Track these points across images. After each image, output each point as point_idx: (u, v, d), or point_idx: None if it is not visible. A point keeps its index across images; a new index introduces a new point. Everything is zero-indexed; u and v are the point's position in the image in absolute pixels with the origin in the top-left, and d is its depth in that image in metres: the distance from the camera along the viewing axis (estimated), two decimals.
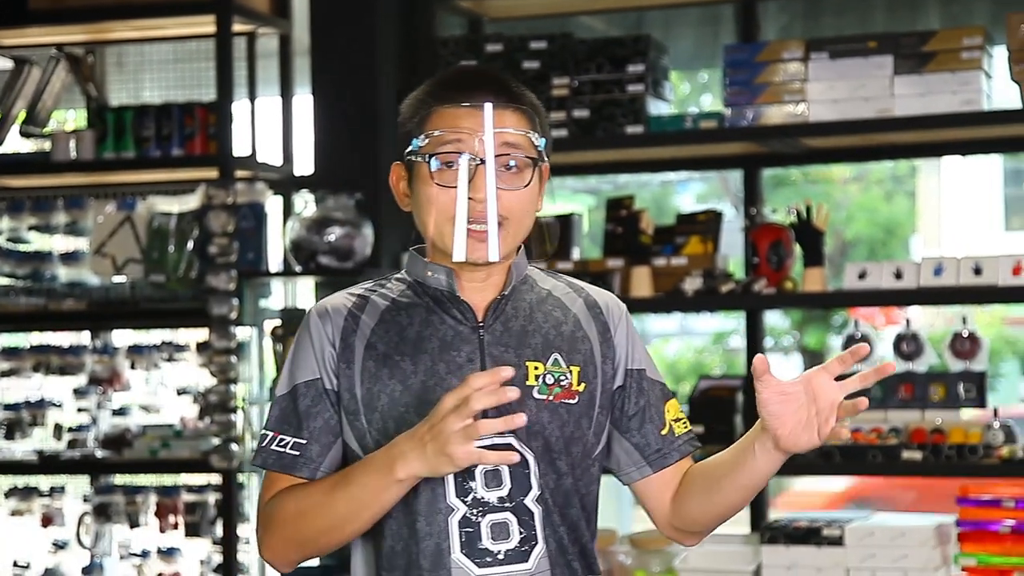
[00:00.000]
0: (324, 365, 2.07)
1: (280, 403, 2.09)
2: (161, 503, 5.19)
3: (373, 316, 2.09)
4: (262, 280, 5.05)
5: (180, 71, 5.56)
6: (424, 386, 2.04)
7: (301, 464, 2.07)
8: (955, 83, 4.31)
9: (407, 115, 2.12)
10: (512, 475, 2.04)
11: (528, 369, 2.08)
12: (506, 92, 2.08)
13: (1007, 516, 4.12)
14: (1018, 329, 16.41)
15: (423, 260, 2.13)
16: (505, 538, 2.03)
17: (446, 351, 2.06)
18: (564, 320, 2.14)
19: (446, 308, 2.09)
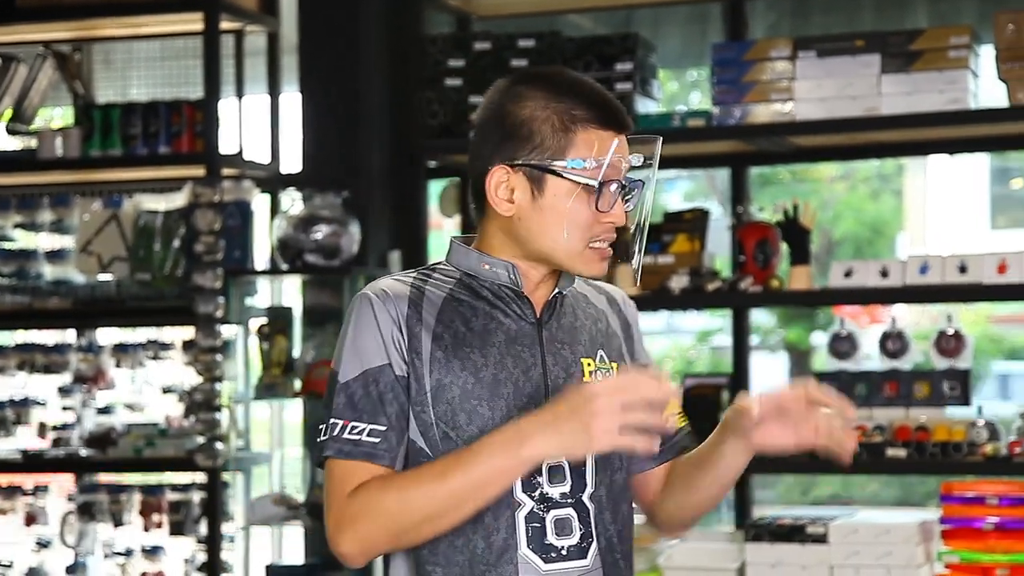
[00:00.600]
0: (395, 351, 2.02)
1: (348, 389, 2.01)
2: (145, 501, 5.18)
3: (432, 306, 2.05)
4: (248, 278, 5.04)
5: (167, 69, 5.55)
6: (495, 379, 2.03)
7: (383, 452, 1.99)
8: (942, 82, 4.32)
9: (532, 124, 2.05)
10: (572, 471, 2.05)
11: (583, 366, 2.10)
12: (627, 115, 2.12)
13: (990, 513, 4.13)
14: (1003, 327, 16.45)
15: (477, 252, 2.10)
16: (568, 534, 2.04)
17: (511, 345, 2.05)
18: (598, 317, 2.18)
19: (507, 302, 2.08)
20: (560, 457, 1.98)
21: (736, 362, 4.95)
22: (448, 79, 4.77)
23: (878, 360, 4.62)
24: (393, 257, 5.02)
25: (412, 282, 2.08)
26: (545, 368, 2.06)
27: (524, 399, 2.03)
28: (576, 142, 2.04)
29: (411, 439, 2.02)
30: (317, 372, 4.86)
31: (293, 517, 4.93)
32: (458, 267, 2.11)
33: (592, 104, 2.06)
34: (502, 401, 2.01)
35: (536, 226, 2.05)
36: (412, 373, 2.02)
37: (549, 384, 2.06)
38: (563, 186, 2.04)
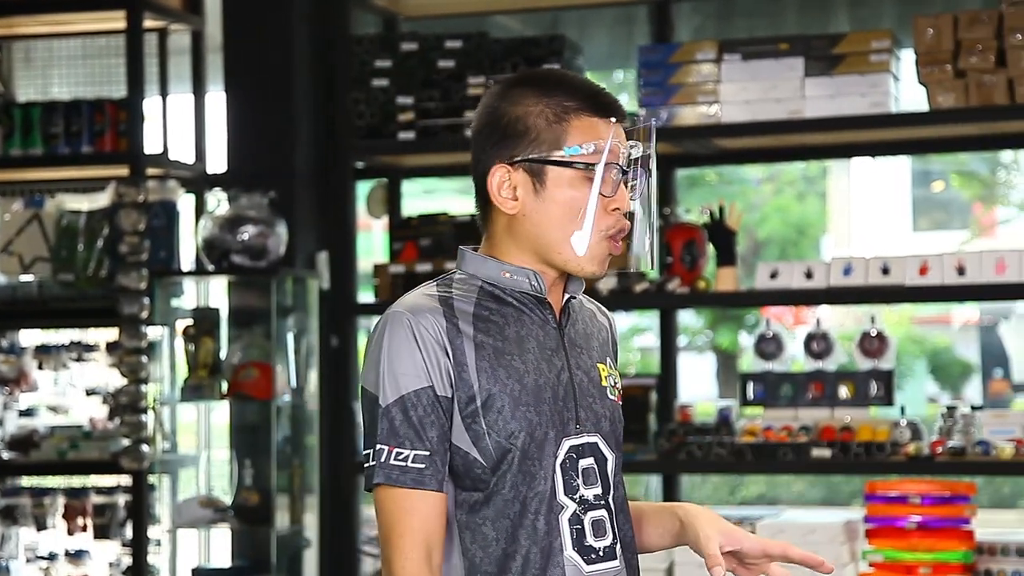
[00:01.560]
0: (436, 371, 2.01)
1: (388, 414, 2.00)
2: (69, 505, 5.12)
3: (465, 316, 2.04)
4: (174, 279, 4.99)
5: (90, 67, 5.48)
6: (537, 384, 2.04)
7: (429, 477, 2.00)
8: (864, 85, 4.37)
9: (527, 120, 2.05)
10: (600, 474, 2.08)
11: (599, 370, 2.13)
12: (620, 104, 2.12)
13: (913, 512, 4.19)
14: (925, 328, 16.69)
15: (495, 260, 2.09)
16: (603, 535, 2.07)
17: (543, 350, 2.07)
18: (601, 327, 2.21)
19: (531, 309, 2.08)
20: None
21: (664, 363, 4.98)
22: (375, 79, 4.75)
23: (803, 361, 4.66)
24: (321, 258, 5.00)
25: (439, 295, 2.07)
26: (571, 371, 2.08)
27: (560, 403, 2.05)
28: (571, 131, 2.05)
29: (464, 451, 2.02)
30: (244, 373, 4.83)
31: (220, 519, 4.90)
32: (475, 276, 2.10)
33: (583, 94, 2.07)
34: (545, 406, 2.03)
35: (544, 219, 2.06)
36: (461, 386, 2.02)
37: (576, 387, 2.08)
38: (564, 175, 2.05)
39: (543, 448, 2.02)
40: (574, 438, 2.05)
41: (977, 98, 4.27)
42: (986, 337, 17.61)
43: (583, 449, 2.06)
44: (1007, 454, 4.23)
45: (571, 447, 2.05)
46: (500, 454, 2.01)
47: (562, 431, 2.04)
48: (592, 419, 2.08)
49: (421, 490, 2.00)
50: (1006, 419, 4.37)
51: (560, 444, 2.04)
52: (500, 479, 2.01)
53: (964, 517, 4.19)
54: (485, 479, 2.02)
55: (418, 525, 1.99)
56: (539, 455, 2.02)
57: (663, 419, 4.76)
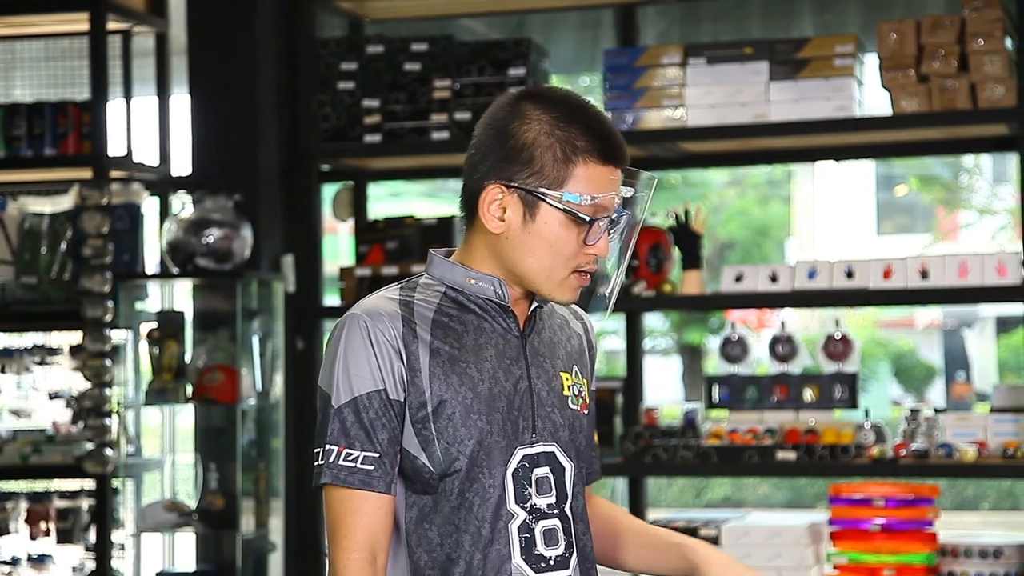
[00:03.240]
0: (389, 374, 2.03)
1: (340, 415, 2.03)
2: (32, 509, 5.09)
3: (424, 321, 2.06)
4: (138, 282, 4.97)
5: (53, 69, 5.45)
6: (491, 393, 2.05)
7: (378, 479, 2.02)
8: (828, 89, 4.39)
9: (535, 149, 2.05)
10: (556, 483, 2.09)
11: (562, 379, 2.13)
12: (626, 150, 2.13)
13: (877, 515, 4.21)
14: (889, 331, 16.78)
15: (461, 266, 2.11)
16: (555, 544, 2.07)
17: (501, 359, 2.08)
18: (571, 334, 2.21)
19: (493, 316, 2.09)
20: None
21: (630, 366, 4.99)
22: (341, 82, 4.75)
23: (768, 364, 4.68)
24: (286, 261, 4.99)
25: (400, 298, 2.08)
26: (530, 380, 2.09)
27: (515, 412, 2.06)
28: (575, 174, 2.06)
29: (413, 456, 2.04)
30: (209, 377, 4.81)
31: (185, 523, 4.88)
32: (441, 280, 2.11)
33: (595, 137, 2.07)
34: (498, 414, 2.04)
35: (522, 248, 2.07)
36: (413, 392, 2.03)
37: (535, 396, 2.08)
38: (555, 216, 2.06)
39: (492, 456, 2.03)
40: (529, 447, 2.06)
41: (940, 102, 4.30)
42: (949, 341, 17.73)
43: (538, 458, 2.06)
44: (970, 457, 4.26)
45: (525, 456, 2.05)
46: (448, 461, 2.02)
47: (515, 440, 2.05)
48: (550, 428, 2.08)
49: (368, 491, 2.02)
50: (969, 422, 4.40)
51: (513, 453, 2.05)
52: (448, 485, 2.03)
53: (927, 519, 4.22)
54: (433, 484, 2.03)
55: (363, 526, 2.02)
56: (488, 463, 2.03)
57: (629, 422, 4.77)
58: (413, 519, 2.05)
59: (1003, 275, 4.27)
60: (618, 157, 2.09)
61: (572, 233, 2.06)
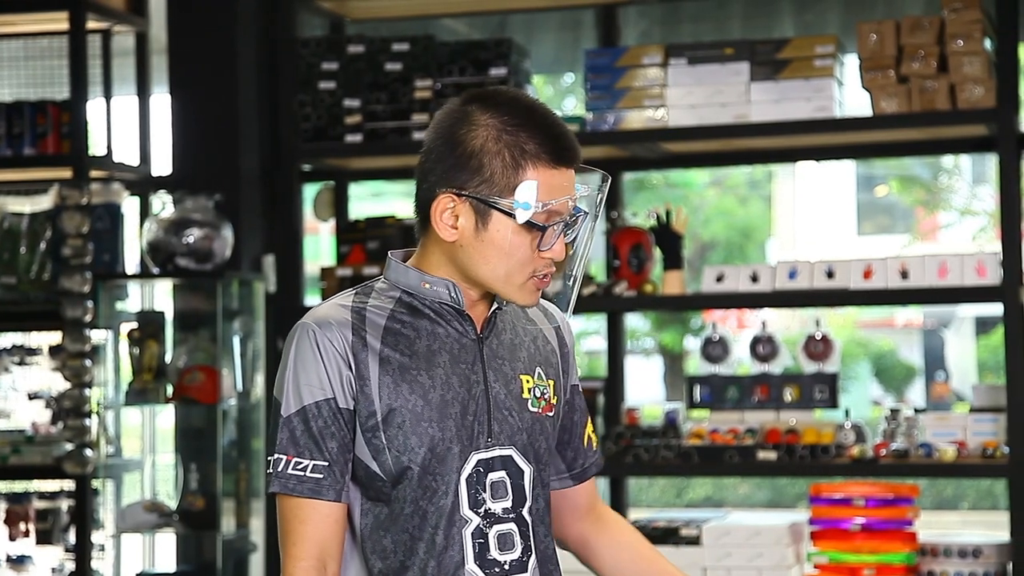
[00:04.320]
0: (339, 383, 2.03)
1: (289, 424, 2.03)
2: (11, 510, 5.07)
3: (376, 329, 2.05)
4: (118, 282, 4.95)
5: (32, 68, 5.42)
6: (443, 400, 2.04)
7: (327, 487, 2.02)
8: (809, 90, 4.41)
9: (484, 156, 2.03)
10: (512, 487, 2.07)
11: (522, 382, 2.12)
12: (579, 151, 2.10)
13: (857, 514, 4.22)
14: (870, 332, 16.83)
15: (416, 271, 2.09)
16: (510, 549, 2.06)
17: (455, 364, 2.06)
18: (536, 335, 2.19)
19: (448, 320, 2.08)
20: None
21: (611, 366, 4.99)
22: (322, 82, 4.74)
23: (749, 364, 4.69)
24: (267, 261, 4.98)
25: (352, 305, 2.07)
26: (487, 384, 2.07)
27: (470, 417, 2.05)
28: (526, 180, 2.03)
29: (365, 464, 2.03)
30: (189, 377, 4.80)
31: (165, 524, 4.86)
32: (396, 284, 2.10)
33: (545, 139, 2.04)
34: (450, 421, 2.03)
35: (477, 255, 2.05)
36: (362, 400, 2.02)
37: (491, 400, 2.07)
38: (507, 223, 2.04)
39: (445, 463, 2.03)
40: (484, 452, 2.04)
41: (919, 103, 4.32)
42: (929, 341, 17.79)
43: (493, 463, 2.05)
44: (949, 456, 4.27)
45: (480, 461, 2.04)
46: (400, 469, 2.02)
47: (470, 445, 2.04)
48: (507, 432, 2.07)
49: (317, 500, 2.02)
50: (948, 422, 4.41)
51: (467, 458, 2.04)
52: (401, 493, 2.02)
53: (907, 519, 4.23)
54: (386, 492, 2.03)
55: (311, 534, 2.02)
56: (441, 470, 2.02)
57: (610, 422, 4.77)
58: (368, 526, 2.04)
59: (982, 275, 4.29)
60: (569, 158, 2.06)
61: (526, 239, 2.04)
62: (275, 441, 2.04)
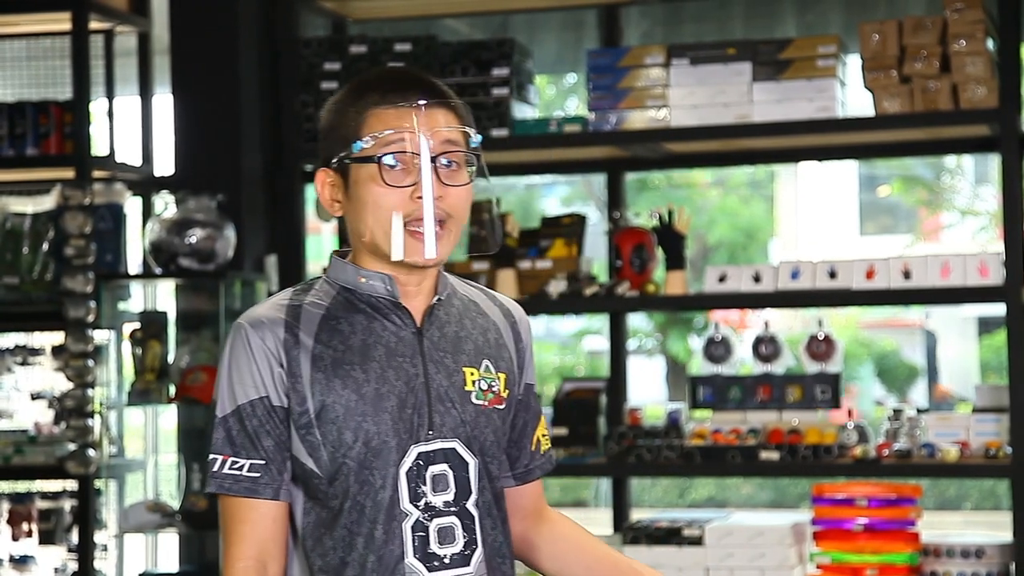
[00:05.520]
0: (271, 381, 2.03)
1: (225, 424, 2.03)
2: (14, 510, 5.07)
3: (310, 326, 2.05)
4: (120, 282, 4.96)
5: (34, 68, 5.43)
6: (377, 393, 2.02)
7: (264, 486, 2.02)
8: (811, 90, 4.40)
9: (337, 120, 2.06)
10: (456, 479, 2.06)
11: (465, 375, 2.10)
12: (438, 90, 2.08)
13: (860, 514, 4.22)
14: (872, 332, 16.83)
15: (353, 266, 2.09)
16: (451, 542, 2.05)
17: (392, 357, 2.05)
18: (488, 327, 2.17)
19: (385, 314, 2.07)
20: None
21: (613, 366, 4.99)
22: (324, 82, 4.74)
23: (751, 364, 4.69)
24: (269, 261, 4.98)
25: (288, 304, 2.07)
26: (427, 377, 2.06)
27: (408, 410, 2.04)
28: (364, 126, 2.05)
29: (301, 462, 2.03)
30: (192, 378, 4.80)
31: (168, 524, 4.86)
32: (336, 281, 2.10)
33: (382, 85, 2.05)
34: (386, 415, 2.02)
35: (356, 219, 2.06)
36: (294, 398, 2.02)
37: (432, 393, 2.06)
38: (363, 172, 2.04)
39: (382, 457, 2.02)
40: (424, 444, 2.03)
41: (922, 103, 4.31)
42: (931, 342, 17.78)
43: (435, 455, 2.04)
44: (952, 457, 4.27)
45: (420, 454, 2.03)
46: (335, 465, 2.01)
47: (409, 438, 2.03)
48: (449, 424, 2.06)
49: (255, 499, 2.02)
50: (951, 422, 4.41)
51: (407, 452, 2.03)
52: (338, 488, 2.02)
53: (910, 519, 4.23)
54: (323, 489, 2.02)
55: (249, 533, 2.03)
56: (378, 464, 2.01)
57: (613, 422, 4.77)
58: (311, 524, 2.04)
59: (985, 275, 4.29)
60: (406, 95, 2.03)
61: (384, 184, 2.02)
62: (209, 442, 2.05)
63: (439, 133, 2.04)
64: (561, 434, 4.65)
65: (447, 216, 2.05)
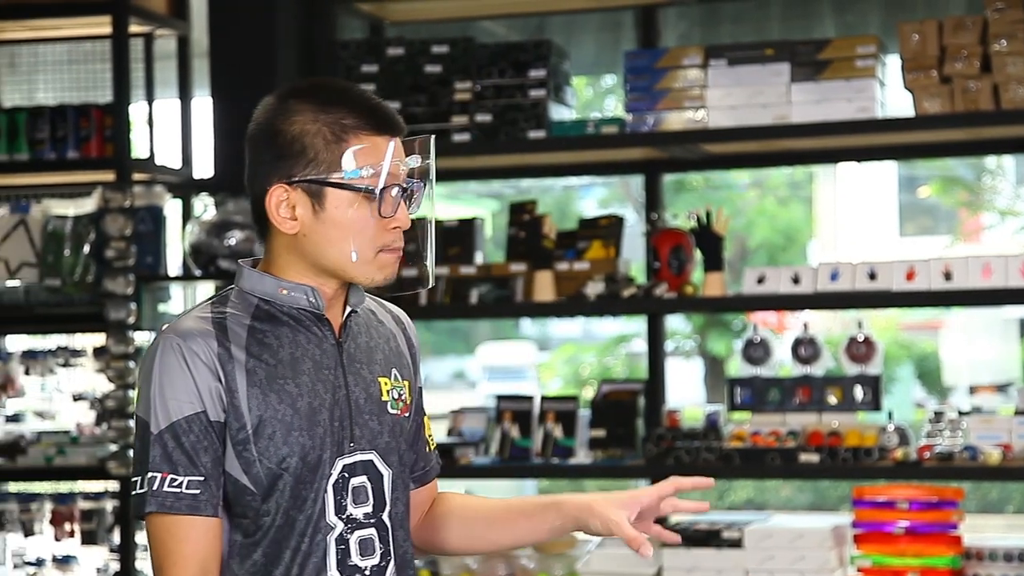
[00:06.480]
0: (208, 396, 1.99)
1: (161, 440, 1.99)
2: (57, 511, 5.10)
3: (238, 340, 2.03)
4: (160, 284, 4.98)
5: (75, 72, 5.47)
6: (311, 407, 2.03)
7: (204, 502, 2.00)
8: (850, 91, 4.38)
9: (301, 136, 2.03)
10: (373, 491, 2.06)
11: (380, 385, 2.11)
12: (400, 122, 2.09)
13: (901, 517, 4.19)
14: (912, 334, 16.72)
15: (272, 277, 2.08)
16: (371, 554, 2.06)
17: (319, 370, 2.05)
18: (388, 336, 2.18)
19: (307, 326, 2.06)
20: None
21: (651, 368, 4.98)
22: (361, 84, 4.75)
23: (791, 366, 4.67)
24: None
25: (212, 316, 2.05)
26: (348, 388, 2.06)
27: (336, 423, 2.04)
28: (350, 152, 2.03)
29: (235, 478, 2.01)
30: None
31: None
32: (252, 293, 2.08)
33: (361, 111, 2.05)
34: (319, 428, 2.02)
35: (323, 240, 2.04)
36: (232, 413, 2.00)
37: (352, 405, 2.06)
38: (344, 197, 2.03)
39: (316, 471, 2.02)
40: (347, 457, 2.04)
41: (962, 104, 4.28)
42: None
43: (355, 467, 2.05)
44: (994, 459, 4.23)
45: (344, 466, 2.04)
46: (271, 480, 2.01)
47: (336, 451, 2.03)
48: (368, 436, 2.06)
49: (196, 516, 1.99)
50: (993, 424, 4.37)
51: (334, 464, 2.03)
52: (271, 504, 2.01)
53: (952, 522, 4.20)
54: (255, 505, 2.01)
55: (192, 552, 1.99)
56: (311, 478, 2.01)
57: (651, 424, 4.76)
58: (239, 540, 2.03)
59: None
60: (391, 125, 2.05)
61: (365, 211, 2.03)
62: (146, 459, 1.99)
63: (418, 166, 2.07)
64: (599, 436, 4.65)
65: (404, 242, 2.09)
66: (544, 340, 18.79)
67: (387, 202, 2.03)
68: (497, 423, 4.72)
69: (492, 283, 4.66)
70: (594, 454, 4.62)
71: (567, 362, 15.42)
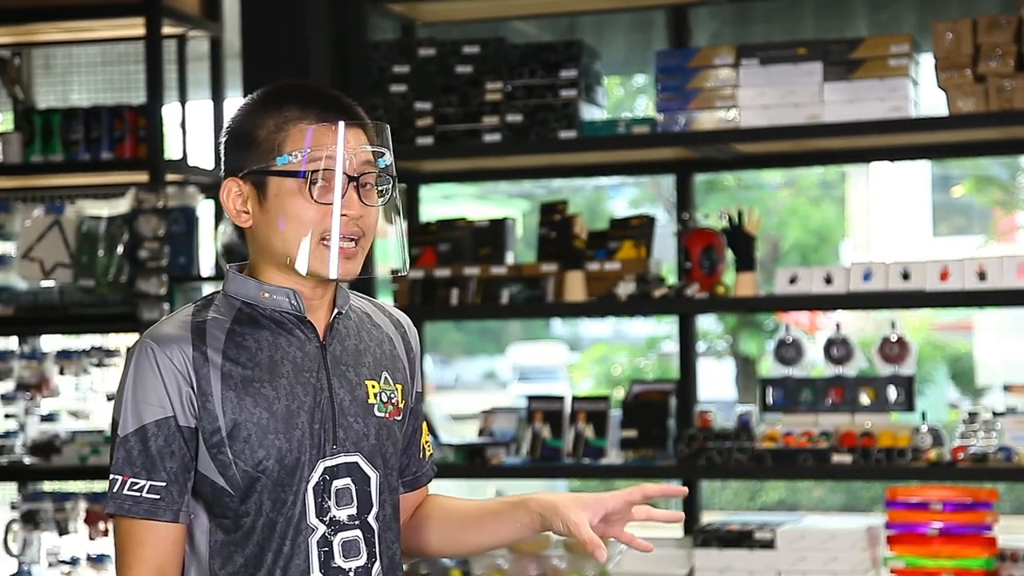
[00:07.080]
0: (179, 401, 2.01)
1: (126, 444, 2.01)
2: (91, 510, 5.13)
3: (216, 344, 2.04)
4: (193, 284, 5.00)
5: (109, 74, 5.50)
6: (288, 410, 2.03)
7: (164, 508, 2.01)
8: (883, 90, 4.36)
9: (249, 130, 2.06)
10: (358, 493, 2.07)
11: (367, 388, 2.11)
12: (355, 110, 2.09)
13: (935, 518, 4.17)
14: (946, 334, 16.62)
15: (255, 280, 2.09)
16: (356, 555, 2.07)
17: (300, 373, 2.06)
18: (383, 339, 2.18)
19: (289, 329, 2.07)
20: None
21: (683, 368, 4.97)
22: (393, 85, 4.76)
23: (823, 366, 4.65)
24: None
25: (192, 321, 2.06)
26: (331, 391, 2.06)
27: (316, 425, 2.04)
28: (288, 140, 2.04)
29: (211, 480, 2.02)
30: None
31: None
32: (236, 296, 2.10)
33: (307, 102, 2.06)
34: (297, 431, 2.03)
35: (269, 230, 2.06)
36: (205, 417, 2.01)
37: (336, 407, 2.06)
38: (284, 185, 2.04)
39: (294, 473, 2.02)
40: (330, 459, 2.04)
41: (997, 103, 4.26)
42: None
43: (339, 470, 2.05)
44: None
45: (326, 468, 2.04)
46: (248, 483, 2.01)
47: (317, 453, 2.03)
48: (352, 439, 2.06)
49: (154, 521, 2.00)
50: None
51: (314, 467, 2.03)
52: (251, 506, 2.02)
53: (986, 523, 4.18)
54: (233, 507, 2.02)
55: (149, 556, 2.01)
56: (290, 481, 2.02)
57: (683, 424, 4.75)
58: (218, 543, 2.03)
59: None
60: (333, 112, 2.05)
61: (305, 197, 2.02)
62: (111, 462, 2.02)
63: (361, 153, 2.05)
64: (630, 436, 4.64)
65: (362, 234, 2.07)
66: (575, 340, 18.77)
67: (318, 186, 2.03)
68: (528, 423, 4.73)
69: (523, 283, 4.66)
70: (625, 454, 4.62)
71: (598, 362, 15.40)
